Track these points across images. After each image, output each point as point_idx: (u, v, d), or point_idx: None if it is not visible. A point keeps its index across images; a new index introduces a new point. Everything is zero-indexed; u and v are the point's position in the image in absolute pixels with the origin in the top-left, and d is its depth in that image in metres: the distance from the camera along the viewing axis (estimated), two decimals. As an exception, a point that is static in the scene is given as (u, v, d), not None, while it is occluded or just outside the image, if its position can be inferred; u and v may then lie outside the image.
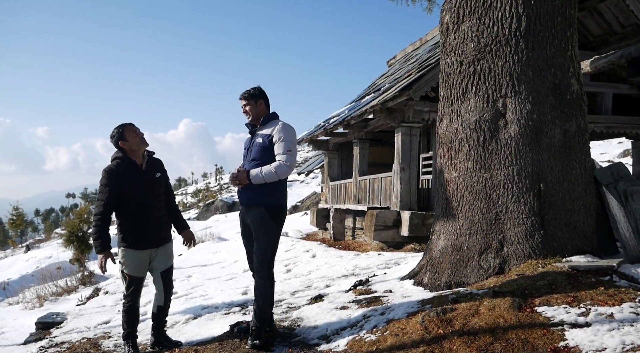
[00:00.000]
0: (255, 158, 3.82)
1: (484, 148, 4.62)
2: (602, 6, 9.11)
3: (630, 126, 10.28)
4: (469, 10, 4.71)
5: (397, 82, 10.28)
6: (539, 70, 4.51)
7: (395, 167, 9.50)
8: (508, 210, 4.50)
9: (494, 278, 4.24)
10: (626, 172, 5.05)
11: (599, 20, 9.47)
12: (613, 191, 4.81)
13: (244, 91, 4.00)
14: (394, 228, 9.11)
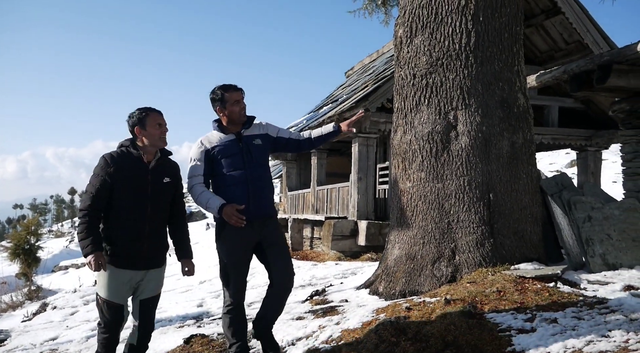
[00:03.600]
0: (262, 162, 3.38)
1: (437, 159, 4.74)
2: (547, 23, 9.54)
3: (575, 138, 10.75)
4: (421, 24, 4.84)
5: (354, 93, 10.42)
6: (488, 84, 4.68)
7: (353, 177, 9.60)
8: (460, 220, 4.62)
9: (447, 286, 4.33)
10: (570, 182, 5.27)
11: (545, 37, 9.90)
12: (558, 200, 5.01)
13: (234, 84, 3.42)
14: (352, 238, 9.18)
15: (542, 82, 5.71)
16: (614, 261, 4.55)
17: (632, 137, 5.12)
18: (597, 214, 4.84)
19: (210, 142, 3.34)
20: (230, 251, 3.29)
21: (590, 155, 11.01)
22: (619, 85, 4.84)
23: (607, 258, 4.56)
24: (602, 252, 4.60)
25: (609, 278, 4.14)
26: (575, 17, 9.04)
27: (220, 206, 3.17)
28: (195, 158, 3.33)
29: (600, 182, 11.08)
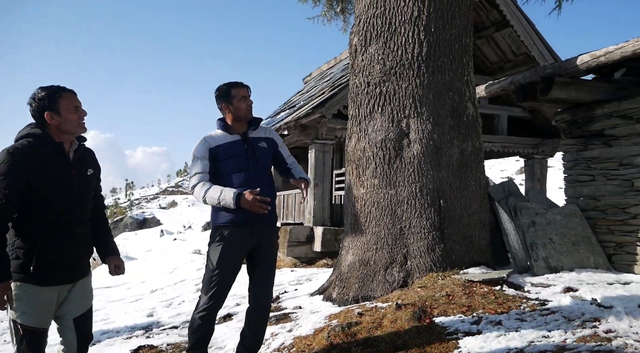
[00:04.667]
0: (266, 165, 3.29)
1: (390, 166, 4.83)
2: (497, 36, 9.89)
3: (522, 146, 11.16)
4: (375, 34, 4.94)
5: (312, 99, 10.48)
6: (439, 93, 4.81)
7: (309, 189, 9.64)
8: (411, 226, 4.72)
9: (399, 291, 4.42)
10: (516, 188, 5.48)
11: (495, 49, 10.26)
12: (504, 206, 5.20)
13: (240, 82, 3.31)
14: (307, 244, 9.21)
15: (490, 92, 5.91)
16: (556, 264, 4.75)
17: (573, 146, 5.37)
18: (540, 219, 5.05)
19: (215, 140, 3.23)
20: (224, 257, 3.11)
21: (537, 163, 11.45)
22: (560, 96, 5.07)
23: (549, 262, 4.76)
24: (545, 256, 4.79)
25: (550, 280, 4.33)
26: (523, 31, 9.41)
27: (237, 195, 2.99)
28: (200, 156, 3.19)
29: (546, 188, 11.52)
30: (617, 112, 4.96)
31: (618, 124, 4.96)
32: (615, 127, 4.99)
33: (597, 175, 5.16)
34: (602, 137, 5.13)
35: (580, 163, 5.34)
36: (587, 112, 5.25)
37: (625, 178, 4.89)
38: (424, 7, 4.71)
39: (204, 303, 3.15)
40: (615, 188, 4.97)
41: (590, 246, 4.96)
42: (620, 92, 5.14)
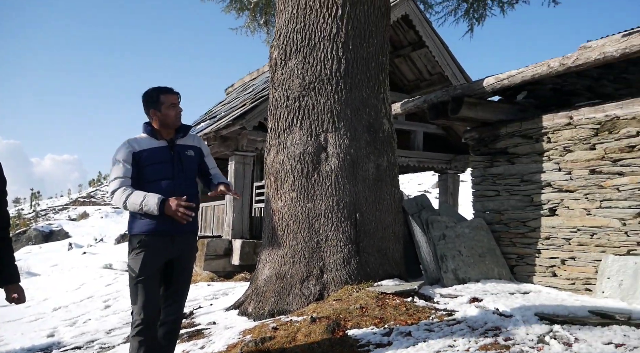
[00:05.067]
0: (191, 175, 3.20)
1: (307, 179, 4.87)
2: (414, 55, 10.32)
3: (437, 161, 11.66)
4: (295, 48, 4.99)
5: (233, 110, 10.37)
6: (356, 109, 4.93)
7: (228, 196, 9.49)
8: (328, 239, 4.77)
9: (314, 304, 4.43)
10: (428, 202, 5.71)
11: (412, 67, 10.70)
12: (417, 220, 5.39)
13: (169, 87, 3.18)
14: (225, 257, 9.04)
15: (406, 109, 6.14)
16: (464, 275, 4.98)
17: (480, 162, 5.69)
18: (450, 232, 5.28)
19: (139, 144, 3.07)
20: (145, 263, 2.98)
21: (450, 178, 11.99)
22: (469, 115, 5.36)
23: (458, 273, 4.99)
24: (453, 268, 5.01)
25: (458, 291, 4.52)
26: (438, 51, 9.89)
27: (161, 201, 2.87)
28: (122, 159, 3.01)
29: (458, 201, 12.09)
30: (519, 132, 5.32)
31: (520, 143, 5.31)
32: (517, 146, 5.34)
33: (501, 190, 5.49)
34: (506, 154, 5.47)
35: (487, 179, 5.66)
36: (493, 131, 5.58)
37: (526, 193, 5.23)
38: (342, 24, 4.83)
39: (138, 315, 2.99)
40: (517, 203, 5.31)
41: (495, 258, 5.25)
42: (522, 113, 5.52)
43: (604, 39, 5.35)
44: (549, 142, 5.02)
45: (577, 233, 4.72)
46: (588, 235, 4.63)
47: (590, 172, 4.64)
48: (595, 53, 4.16)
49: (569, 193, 4.82)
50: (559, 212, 4.90)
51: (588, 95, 5.82)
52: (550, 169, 4.99)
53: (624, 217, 4.35)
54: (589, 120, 4.68)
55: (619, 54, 3.99)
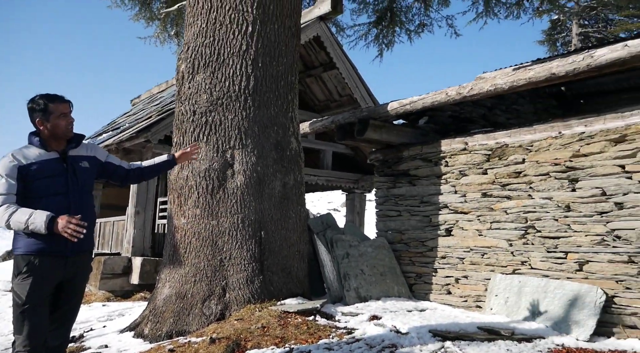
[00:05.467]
0: (87, 188, 2.97)
1: (212, 196, 4.77)
2: (325, 76, 10.55)
3: (345, 180, 11.91)
4: (204, 62, 4.91)
5: (138, 122, 9.98)
6: (264, 127, 4.92)
7: (130, 211, 9.06)
8: (232, 257, 4.68)
9: (215, 324, 4.32)
10: (333, 221, 5.79)
11: (323, 88, 10.92)
12: (322, 238, 5.45)
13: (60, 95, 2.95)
14: (124, 276, 8.58)
15: (314, 129, 6.23)
16: (365, 294, 5.09)
17: (384, 183, 5.88)
18: (354, 251, 5.39)
19: (26, 157, 2.76)
20: (34, 289, 2.70)
21: (357, 197, 12.29)
22: (374, 137, 5.55)
23: (360, 292, 5.08)
24: (356, 286, 5.10)
25: (359, 309, 4.61)
26: (348, 74, 10.18)
27: (50, 218, 2.60)
28: (5, 174, 2.70)
29: (364, 220, 12.41)
30: (420, 155, 5.57)
31: (420, 166, 5.56)
32: (418, 168, 5.59)
33: (403, 211, 5.70)
34: (407, 176, 5.70)
35: (390, 199, 5.85)
36: (396, 153, 5.81)
37: (425, 214, 5.47)
38: (252, 41, 4.83)
39: (21, 345, 2.70)
40: (417, 223, 5.54)
41: (395, 276, 5.42)
42: (423, 137, 5.80)
43: (496, 72, 5.79)
44: (447, 166, 5.30)
45: (469, 253, 5.00)
46: (479, 255, 4.91)
47: (482, 195, 4.95)
48: (487, 84, 4.48)
49: (464, 214, 5.10)
50: (454, 233, 5.17)
51: (483, 123, 6.24)
52: (447, 191, 5.27)
53: (511, 238, 4.67)
54: (482, 147, 5.01)
55: (507, 87, 4.33)
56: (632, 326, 3.82)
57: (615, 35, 22.69)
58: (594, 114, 4.24)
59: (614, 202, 4.01)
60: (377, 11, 9.78)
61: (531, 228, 4.54)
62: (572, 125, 4.34)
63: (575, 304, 4.00)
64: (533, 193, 4.55)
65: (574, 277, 4.20)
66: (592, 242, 4.11)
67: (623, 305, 3.90)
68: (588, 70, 3.82)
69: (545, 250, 4.41)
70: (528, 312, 4.26)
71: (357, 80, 10.28)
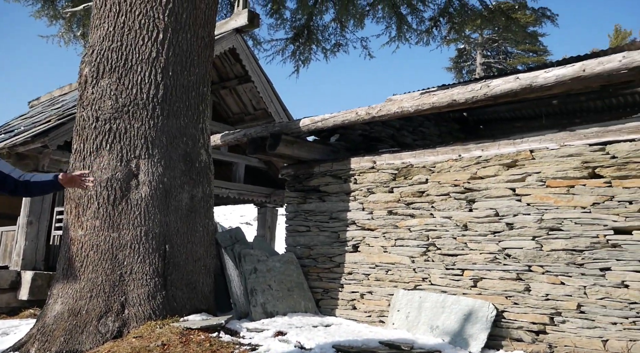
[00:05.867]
0: None
1: (114, 207, 4.54)
2: (240, 89, 10.48)
3: (257, 194, 11.84)
4: (109, 67, 4.69)
5: (35, 126, 9.31)
6: (173, 137, 4.78)
7: (21, 220, 8.39)
8: (133, 271, 4.47)
9: (111, 343, 4.09)
10: (242, 235, 5.72)
11: (238, 101, 10.83)
12: (230, 253, 5.35)
13: None
14: (12, 291, 7.89)
15: (226, 141, 6.15)
16: (272, 309, 5.05)
17: (295, 198, 5.91)
18: (262, 266, 5.34)
19: None
20: None
21: (269, 211, 12.25)
22: (286, 153, 5.57)
23: (266, 307, 5.04)
24: (263, 301, 5.05)
25: (265, 325, 4.56)
26: (263, 87, 10.18)
27: None
28: None
29: (275, 235, 12.37)
30: (330, 172, 5.67)
31: (330, 182, 5.65)
32: (328, 185, 5.67)
33: (312, 226, 5.75)
34: (318, 192, 5.77)
35: (300, 214, 5.88)
36: (308, 169, 5.86)
37: (333, 230, 5.55)
38: (162, 49, 4.70)
39: None
40: (326, 239, 5.60)
41: (302, 292, 5.43)
42: (334, 155, 5.91)
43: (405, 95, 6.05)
44: (356, 183, 5.43)
45: (375, 269, 5.13)
46: (384, 271, 5.06)
47: (388, 213, 5.12)
48: (395, 106, 4.66)
49: (370, 231, 5.24)
50: (361, 249, 5.29)
51: (391, 143, 6.48)
52: (355, 208, 5.39)
53: (413, 255, 4.86)
54: (389, 166, 5.19)
55: (413, 110, 4.53)
56: (518, 339, 4.10)
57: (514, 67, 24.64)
58: (490, 140, 4.54)
59: (505, 222, 4.30)
60: (294, 28, 9.90)
61: (432, 246, 4.75)
62: (471, 149, 4.62)
63: (470, 319, 4.22)
64: (435, 212, 4.77)
65: (469, 293, 4.44)
66: (485, 259, 4.38)
67: (511, 319, 4.17)
68: (485, 99, 4.10)
69: (444, 267, 4.63)
70: (427, 326, 4.43)
71: (272, 94, 10.31)
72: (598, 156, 3.91)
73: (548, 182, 4.13)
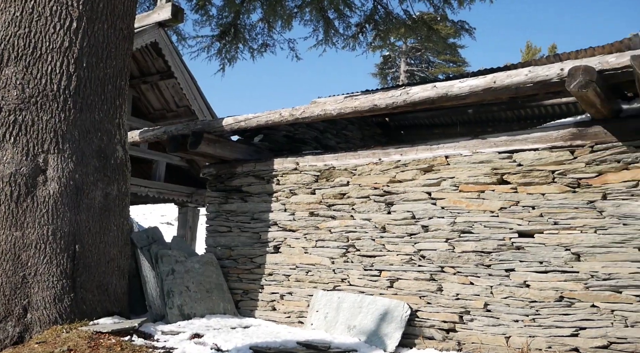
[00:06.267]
0: None
1: (18, 204, 4.24)
2: (162, 84, 10.16)
3: (178, 194, 11.52)
4: (15, 55, 4.38)
5: None
6: (86, 132, 4.54)
7: None
8: (38, 273, 4.20)
9: (11, 349, 3.83)
10: (160, 235, 5.54)
11: (159, 96, 10.50)
12: (146, 253, 5.17)
13: None
14: None
15: (145, 138, 5.93)
16: (189, 311, 4.93)
17: (216, 198, 5.81)
18: (180, 267, 5.20)
19: None
20: None
21: (190, 211, 11.95)
22: (208, 152, 5.46)
23: (183, 309, 4.91)
24: (180, 303, 4.92)
25: (182, 327, 4.44)
26: (186, 84, 9.93)
27: None
28: None
29: (196, 236, 12.09)
30: (253, 172, 5.62)
31: (253, 183, 5.61)
32: (250, 185, 5.62)
33: (233, 227, 5.67)
34: (240, 192, 5.70)
35: (221, 215, 5.79)
36: (230, 168, 5.78)
37: (254, 231, 5.51)
38: (76, 39, 4.45)
39: None
40: (247, 239, 5.55)
41: (221, 293, 5.34)
42: (257, 155, 5.87)
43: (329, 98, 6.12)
44: (278, 184, 5.42)
45: (295, 270, 5.15)
46: (304, 272, 5.08)
47: (310, 214, 5.15)
48: (318, 109, 4.71)
49: (292, 232, 5.25)
50: (282, 250, 5.28)
51: (315, 145, 6.53)
52: (277, 209, 5.38)
53: (333, 256, 4.92)
54: (311, 168, 5.23)
55: (336, 113, 4.60)
56: (430, 337, 4.26)
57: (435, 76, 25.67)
58: (409, 145, 4.70)
59: (421, 225, 4.47)
60: (220, 25, 9.73)
61: (352, 247, 4.83)
62: (391, 153, 4.75)
63: (385, 318, 4.33)
64: (355, 214, 4.86)
65: (385, 293, 4.56)
66: (402, 260, 4.52)
67: (424, 318, 4.33)
68: (404, 105, 4.24)
69: (363, 268, 4.73)
70: (345, 326, 4.50)
71: (195, 91, 10.08)
72: (506, 163, 4.15)
73: (461, 186, 4.33)
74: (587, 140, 3.85)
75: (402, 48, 25.97)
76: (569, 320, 3.75)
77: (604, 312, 3.64)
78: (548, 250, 3.89)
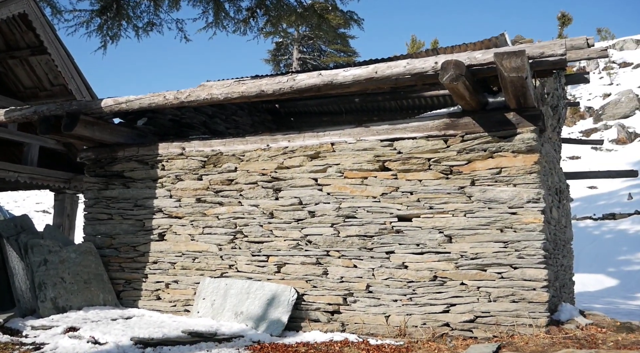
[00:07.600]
0: None
1: None
2: (33, 60, 9.29)
3: (54, 179, 10.66)
4: None
5: None
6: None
7: None
8: None
9: None
10: (30, 224, 5.13)
11: (31, 74, 9.60)
12: (14, 243, 4.77)
13: None
14: None
15: (11, 118, 5.42)
16: (65, 304, 4.63)
17: (95, 184, 5.47)
18: (54, 257, 4.86)
19: None
20: None
21: (68, 198, 11.13)
22: (85, 134, 5.10)
23: (58, 302, 4.60)
24: (53, 296, 4.61)
25: (55, 321, 4.17)
26: (61, 61, 9.15)
27: None
28: None
29: (75, 224, 11.31)
30: (136, 157, 5.37)
31: (136, 168, 5.36)
32: (133, 171, 5.37)
33: (114, 214, 5.39)
34: (122, 178, 5.43)
35: (101, 201, 5.47)
36: (111, 153, 5.47)
37: (138, 218, 5.28)
38: None
39: None
40: (130, 227, 5.31)
41: (101, 284, 5.07)
42: (141, 139, 5.61)
43: (217, 82, 5.99)
44: (163, 170, 5.23)
45: (181, 258, 5.03)
46: (191, 260, 4.98)
47: (196, 201, 5.04)
48: (204, 93, 4.60)
49: (178, 219, 5.11)
50: (167, 237, 5.13)
51: (203, 130, 6.39)
52: (162, 196, 5.20)
53: (221, 243, 4.87)
54: (198, 153, 5.11)
55: (222, 97, 4.52)
56: (315, 320, 4.40)
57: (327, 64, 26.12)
58: (296, 132, 4.76)
59: (308, 210, 4.57)
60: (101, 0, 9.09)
61: (239, 234, 4.82)
62: (278, 139, 4.78)
63: (273, 303, 4.39)
64: (243, 200, 4.84)
65: (273, 279, 4.62)
66: (289, 246, 4.59)
67: (310, 302, 4.45)
68: (291, 92, 4.28)
69: (251, 254, 4.74)
70: (232, 313, 4.50)
71: (72, 70, 9.34)
72: (387, 151, 4.37)
73: (346, 173, 4.49)
74: (458, 130, 4.17)
75: (294, 35, 26.08)
76: (441, 298, 4.06)
77: (472, 289, 3.99)
78: (424, 233, 4.17)
